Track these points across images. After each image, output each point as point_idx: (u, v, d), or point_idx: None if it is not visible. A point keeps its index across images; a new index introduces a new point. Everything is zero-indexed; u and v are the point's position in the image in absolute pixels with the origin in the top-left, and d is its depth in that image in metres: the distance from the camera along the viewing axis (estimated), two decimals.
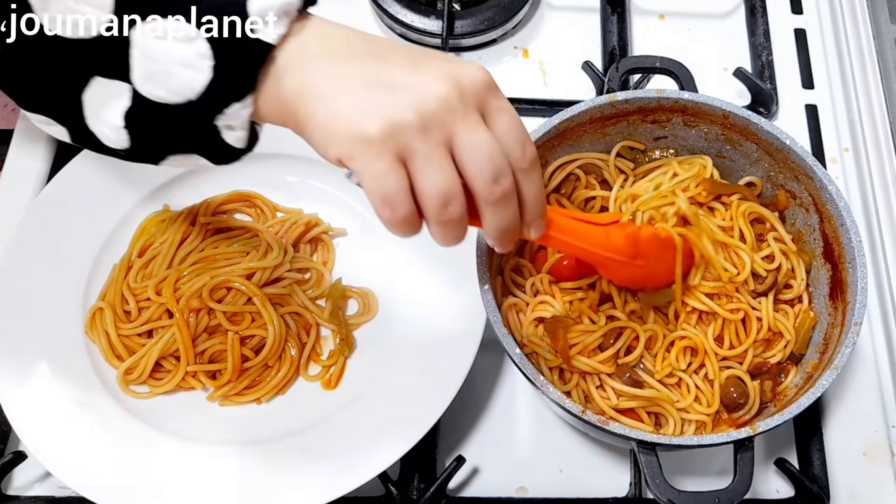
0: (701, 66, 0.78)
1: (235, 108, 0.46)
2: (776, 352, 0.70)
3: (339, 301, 0.77)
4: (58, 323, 0.74)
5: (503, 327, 0.63)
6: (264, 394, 0.73)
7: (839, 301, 0.69)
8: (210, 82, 0.46)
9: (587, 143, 0.76)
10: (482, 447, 0.74)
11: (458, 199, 0.46)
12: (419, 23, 0.93)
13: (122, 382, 0.72)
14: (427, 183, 0.45)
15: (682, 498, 0.58)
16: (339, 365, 0.74)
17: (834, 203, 0.68)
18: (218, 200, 0.80)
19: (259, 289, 0.74)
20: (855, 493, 0.74)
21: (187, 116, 0.47)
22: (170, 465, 0.68)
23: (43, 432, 0.68)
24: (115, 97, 0.48)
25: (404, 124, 0.43)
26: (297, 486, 0.66)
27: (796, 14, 1.01)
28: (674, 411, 0.67)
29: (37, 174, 0.85)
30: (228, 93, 0.46)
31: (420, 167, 0.44)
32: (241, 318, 0.74)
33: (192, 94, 0.46)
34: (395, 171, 0.44)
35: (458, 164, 0.46)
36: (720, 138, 0.75)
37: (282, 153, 0.82)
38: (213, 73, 0.46)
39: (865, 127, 0.92)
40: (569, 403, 0.60)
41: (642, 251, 0.65)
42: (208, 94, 0.46)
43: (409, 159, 0.44)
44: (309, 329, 0.76)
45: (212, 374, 0.73)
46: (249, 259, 0.76)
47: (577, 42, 0.97)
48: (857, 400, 0.78)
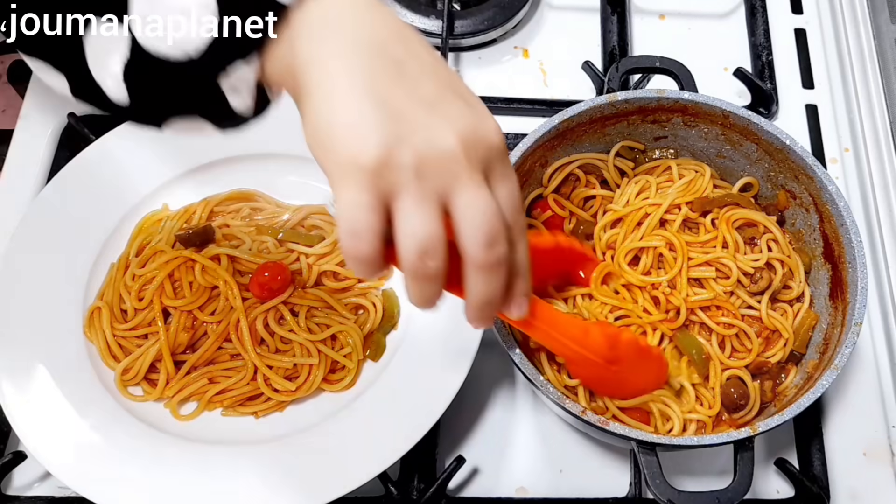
0: (701, 66, 0.78)
1: (240, 69, 0.43)
2: (776, 351, 0.70)
3: (391, 310, 0.76)
4: (57, 323, 0.73)
5: (503, 327, 0.63)
6: (262, 409, 0.72)
7: (839, 301, 0.68)
8: (213, 38, 0.42)
9: (587, 143, 0.76)
10: (482, 447, 0.74)
11: (440, 254, 0.42)
12: (419, 23, 0.93)
13: (120, 384, 0.72)
14: (409, 229, 0.41)
15: (682, 498, 0.58)
16: (356, 371, 0.74)
17: (834, 203, 0.68)
18: (218, 199, 0.80)
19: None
20: (855, 493, 0.74)
21: (188, 74, 0.44)
22: (169, 466, 0.68)
23: (42, 432, 0.68)
24: (116, 46, 0.45)
25: (402, 164, 0.40)
26: (298, 486, 0.66)
27: (796, 14, 1.01)
28: (676, 408, 0.67)
29: (37, 174, 0.85)
30: (232, 51, 0.43)
31: (405, 211, 0.41)
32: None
33: (194, 50, 0.43)
34: (373, 209, 0.40)
35: (452, 220, 0.43)
36: (720, 138, 0.75)
37: (282, 153, 0.82)
38: (218, 28, 0.42)
39: (866, 127, 0.92)
40: (569, 403, 0.60)
41: (619, 356, 0.61)
42: (210, 51, 0.43)
43: (395, 200, 0.41)
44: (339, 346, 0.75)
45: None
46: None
47: (577, 42, 0.97)
48: (857, 400, 0.78)
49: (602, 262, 0.72)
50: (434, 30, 0.92)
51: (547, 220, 0.75)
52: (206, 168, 0.81)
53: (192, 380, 0.72)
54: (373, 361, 0.74)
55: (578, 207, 0.76)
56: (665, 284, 0.70)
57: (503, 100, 0.90)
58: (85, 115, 0.86)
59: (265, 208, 0.81)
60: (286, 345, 0.73)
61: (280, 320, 0.74)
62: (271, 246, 0.76)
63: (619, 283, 0.71)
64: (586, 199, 0.77)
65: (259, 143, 0.82)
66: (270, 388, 0.72)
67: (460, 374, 0.69)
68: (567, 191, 0.76)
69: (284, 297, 0.74)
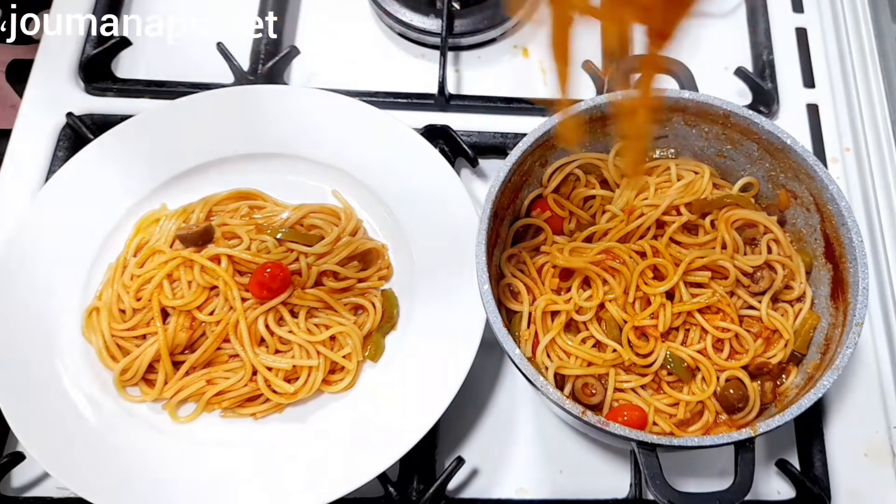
0: (701, 65, 0.78)
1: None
2: (776, 351, 0.70)
3: (390, 310, 0.76)
4: (56, 323, 0.73)
5: (503, 327, 0.62)
6: (262, 411, 0.72)
7: (840, 301, 0.68)
8: None
9: (587, 143, 0.76)
10: (482, 447, 0.74)
11: None
12: (419, 22, 0.92)
13: (118, 384, 0.72)
14: None
15: (682, 499, 0.58)
16: (355, 372, 0.74)
17: (835, 203, 0.68)
18: (217, 199, 0.80)
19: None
20: (856, 493, 0.74)
21: None
22: (169, 466, 0.68)
23: (41, 433, 0.68)
24: None
25: None
26: (298, 486, 0.66)
27: (797, 13, 1.00)
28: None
29: (35, 174, 0.84)
30: None
31: None
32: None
33: None
34: None
35: None
36: (721, 138, 0.74)
37: (282, 153, 0.81)
38: None
39: (867, 126, 0.92)
40: (569, 404, 0.60)
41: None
42: None
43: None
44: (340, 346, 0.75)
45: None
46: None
47: (578, 41, 0.97)
48: (858, 401, 0.78)
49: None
50: (434, 29, 0.92)
51: (547, 219, 0.75)
52: (205, 168, 0.81)
53: (190, 381, 0.72)
54: (372, 362, 0.74)
55: (578, 207, 0.76)
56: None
57: (503, 100, 0.90)
58: (84, 115, 0.86)
59: (264, 207, 0.81)
60: (285, 345, 0.73)
61: (279, 321, 0.74)
62: (271, 245, 0.76)
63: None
64: (586, 198, 0.76)
65: (259, 143, 0.82)
66: (270, 390, 0.71)
67: (460, 375, 0.69)
68: (567, 190, 0.76)
69: (284, 297, 0.73)
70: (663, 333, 0.69)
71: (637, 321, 0.69)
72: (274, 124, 0.82)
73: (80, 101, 0.88)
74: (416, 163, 0.79)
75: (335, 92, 0.83)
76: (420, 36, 0.94)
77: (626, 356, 0.68)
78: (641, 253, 0.72)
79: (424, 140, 0.80)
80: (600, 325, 0.70)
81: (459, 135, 0.85)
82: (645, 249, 0.71)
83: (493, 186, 0.67)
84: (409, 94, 0.90)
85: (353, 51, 0.94)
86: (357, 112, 0.82)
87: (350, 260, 0.78)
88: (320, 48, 0.94)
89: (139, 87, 0.89)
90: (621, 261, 0.70)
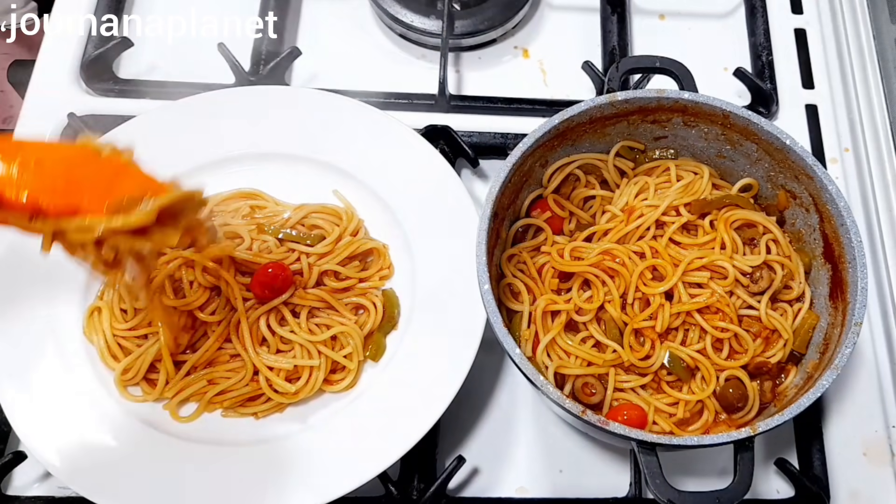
0: (701, 66, 0.78)
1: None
2: (776, 351, 0.70)
3: (391, 310, 0.76)
4: (58, 323, 0.73)
5: (503, 327, 0.63)
6: (263, 410, 0.72)
7: (839, 301, 0.68)
8: None
9: (587, 143, 0.76)
10: (482, 447, 0.74)
11: None
12: (419, 22, 0.93)
13: (120, 384, 0.72)
14: None
15: (682, 498, 0.58)
16: (356, 372, 0.74)
17: (834, 203, 0.68)
18: (219, 199, 0.80)
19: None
20: (855, 493, 0.74)
21: None
22: (169, 465, 0.68)
23: (42, 432, 0.68)
24: None
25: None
26: (298, 486, 0.66)
27: (796, 14, 1.01)
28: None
29: None
30: None
31: None
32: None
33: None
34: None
35: None
36: (720, 138, 0.75)
37: (283, 153, 0.82)
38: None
39: (866, 127, 0.92)
40: (568, 403, 0.60)
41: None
42: None
43: None
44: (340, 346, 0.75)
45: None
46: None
47: (577, 42, 0.97)
48: (857, 400, 0.78)
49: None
50: (434, 30, 0.92)
51: (547, 220, 0.75)
52: (206, 168, 0.81)
53: (191, 381, 0.72)
54: (373, 362, 0.74)
55: (578, 207, 0.76)
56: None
57: (503, 100, 0.90)
58: (85, 115, 0.86)
59: (265, 207, 0.81)
60: (287, 345, 0.73)
61: (281, 321, 0.74)
62: (272, 245, 0.76)
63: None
64: (586, 199, 0.77)
65: (260, 143, 0.82)
66: (271, 389, 0.72)
67: (460, 375, 0.69)
68: (567, 191, 0.76)
69: (285, 297, 0.74)
70: (662, 334, 0.69)
71: (636, 323, 0.69)
72: (275, 125, 0.82)
73: (81, 102, 0.88)
74: (417, 163, 0.80)
75: (336, 92, 0.84)
76: (421, 37, 0.94)
77: (626, 357, 0.68)
78: (641, 254, 0.72)
79: (425, 140, 0.81)
80: (600, 325, 0.70)
81: (460, 135, 0.85)
82: (644, 250, 0.72)
83: (493, 187, 0.67)
84: (409, 94, 0.90)
85: (354, 51, 0.94)
86: (358, 113, 0.82)
87: (351, 260, 0.78)
88: (321, 49, 0.94)
89: (141, 88, 0.89)
90: (621, 262, 0.71)
